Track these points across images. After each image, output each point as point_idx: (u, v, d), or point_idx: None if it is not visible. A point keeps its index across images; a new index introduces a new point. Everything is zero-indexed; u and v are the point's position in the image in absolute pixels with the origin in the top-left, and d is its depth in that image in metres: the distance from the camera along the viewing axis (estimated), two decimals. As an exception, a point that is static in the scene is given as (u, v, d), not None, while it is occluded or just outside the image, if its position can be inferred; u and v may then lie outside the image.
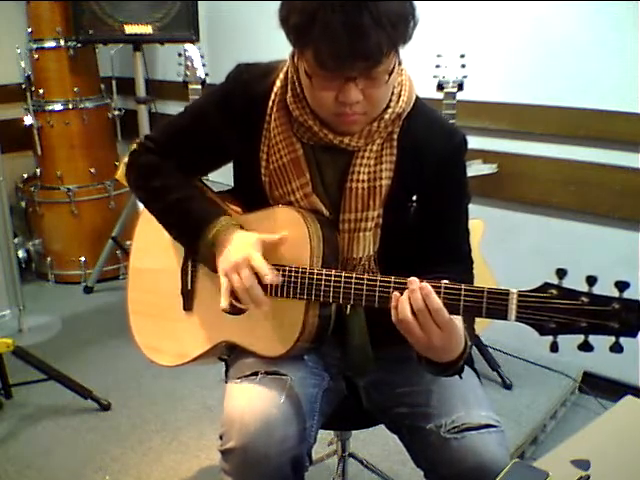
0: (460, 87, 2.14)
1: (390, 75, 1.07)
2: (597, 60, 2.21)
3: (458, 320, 1.03)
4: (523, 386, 2.36)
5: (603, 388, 2.33)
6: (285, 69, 1.20)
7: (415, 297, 0.99)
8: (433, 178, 1.20)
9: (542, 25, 2.30)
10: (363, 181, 1.18)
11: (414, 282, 1.01)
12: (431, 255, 1.22)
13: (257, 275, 1.12)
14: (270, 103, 1.21)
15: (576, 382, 2.39)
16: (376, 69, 1.03)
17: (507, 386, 2.36)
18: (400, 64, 1.16)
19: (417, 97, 1.22)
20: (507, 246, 2.53)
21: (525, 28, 2.35)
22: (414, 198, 1.20)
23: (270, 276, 1.11)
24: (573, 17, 2.23)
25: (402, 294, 1.02)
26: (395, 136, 1.19)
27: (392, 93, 1.16)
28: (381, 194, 1.18)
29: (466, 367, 1.24)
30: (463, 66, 2.13)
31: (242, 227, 1.21)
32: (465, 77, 2.14)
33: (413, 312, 1.00)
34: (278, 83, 1.20)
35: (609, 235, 2.31)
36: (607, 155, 2.25)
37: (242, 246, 1.15)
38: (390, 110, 1.16)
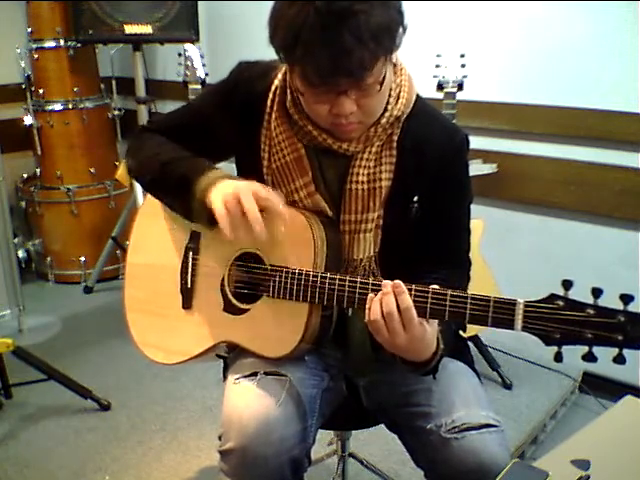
0: (460, 87, 2.14)
1: (382, 84, 1.07)
2: (597, 60, 2.21)
3: (431, 325, 1.04)
4: (523, 386, 2.36)
5: (603, 388, 2.33)
6: (284, 69, 1.20)
7: (387, 299, 1.01)
8: (434, 178, 1.19)
9: (542, 25, 2.30)
10: (362, 182, 1.18)
11: (387, 285, 1.02)
12: (429, 256, 1.22)
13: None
14: (269, 102, 1.21)
15: (576, 382, 2.39)
16: (364, 82, 1.04)
17: (507, 386, 2.36)
18: (395, 65, 1.16)
19: (418, 96, 1.22)
20: (507, 246, 2.53)
21: (525, 28, 2.35)
22: (415, 199, 1.20)
23: (273, 196, 1.09)
24: (573, 17, 2.23)
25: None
26: (395, 137, 1.19)
27: (390, 95, 1.15)
28: (381, 195, 1.18)
29: (466, 367, 1.25)
30: (463, 66, 2.13)
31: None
32: (465, 77, 2.14)
33: (383, 313, 1.01)
34: (276, 82, 1.21)
35: (609, 235, 2.31)
36: (607, 155, 2.25)
37: (237, 181, 1.13)
38: (387, 114, 1.16)
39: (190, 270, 1.31)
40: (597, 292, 0.91)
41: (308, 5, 0.97)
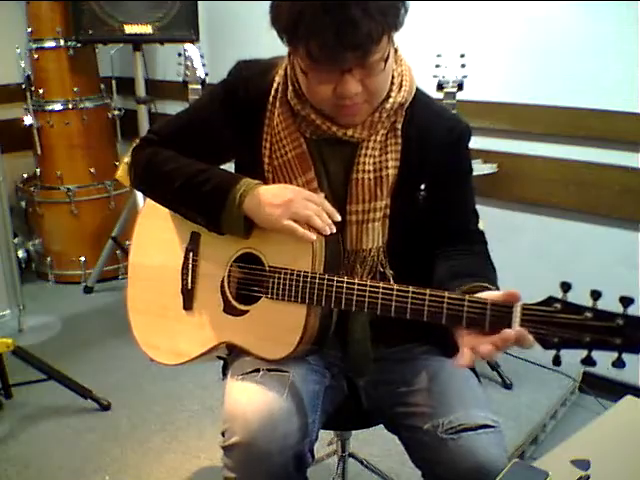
0: (460, 87, 2.15)
1: (386, 62, 1.07)
2: (597, 60, 2.21)
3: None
4: (523, 386, 2.36)
5: (603, 388, 2.33)
6: (284, 65, 1.21)
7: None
8: (439, 164, 1.20)
9: (542, 25, 2.30)
10: (369, 171, 1.18)
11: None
12: (441, 238, 1.22)
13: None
14: (270, 99, 1.21)
15: (576, 382, 2.39)
16: (369, 58, 1.03)
17: (507, 386, 2.36)
18: (397, 52, 1.17)
19: (417, 87, 1.23)
20: (507, 246, 2.52)
21: (525, 28, 2.35)
22: (422, 186, 1.20)
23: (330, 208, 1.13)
24: (573, 17, 2.23)
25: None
26: (399, 126, 1.19)
27: (392, 83, 1.16)
28: (388, 184, 1.19)
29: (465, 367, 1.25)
30: (463, 66, 2.13)
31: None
32: (465, 77, 2.14)
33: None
34: (277, 79, 1.21)
35: (609, 235, 2.31)
36: (607, 155, 2.25)
37: (282, 188, 1.15)
38: (392, 100, 1.16)
39: (190, 271, 1.31)
40: (596, 295, 0.89)
41: None
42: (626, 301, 0.87)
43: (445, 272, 1.17)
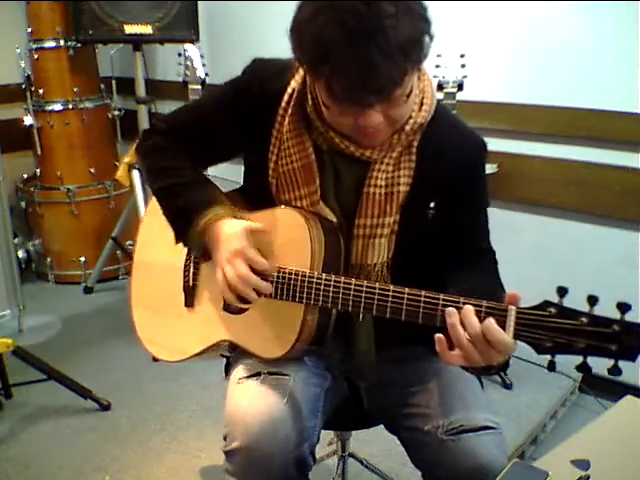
0: (460, 87, 2.14)
1: (409, 95, 1.06)
2: (597, 60, 2.21)
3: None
4: (523, 386, 2.36)
5: (603, 388, 2.33)
6: (302, 71, 1.17)
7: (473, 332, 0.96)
8: (453, 183, 1.18)
9: (542, 25, 2.30)
10: (380, 186, 1.16)
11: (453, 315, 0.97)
12: (451, 255, 1.20)
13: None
14: (283, 104, 1.18)
15: (576, 382, 2.39)
16: (392, 96, 1.02)
17: (507, 386, 2.36)
18: (419, 70, 1.13)
19: (437, 101, 1.20)
20: (507, 246, 2.51)
21: (525, 28, 2.35)
22: (432, 205, 1.18)
23: (263, 265, 1.12)
24: (573, 17, 2.23)
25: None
26: (415, 143, 1.17)
27: (414, 102, 1.13)
28: (398, 200, 1.17)
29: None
30: (463, 66, 2.13)
31: (236, 217, 1.19)
32: (465, 77, 2.14)
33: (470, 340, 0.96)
34: (293, 84, 1.18)
35: (609, 235, 2.31)
36: (607, 155, 2.25)
37: (232, 237, 1.14)
38: (412, 121, 1.13)
39: (192, 269, 1.31)
40: (593, 300, 0.87)
41: (334, 19, 0.95)
42: (623, 307, 0.85)
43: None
